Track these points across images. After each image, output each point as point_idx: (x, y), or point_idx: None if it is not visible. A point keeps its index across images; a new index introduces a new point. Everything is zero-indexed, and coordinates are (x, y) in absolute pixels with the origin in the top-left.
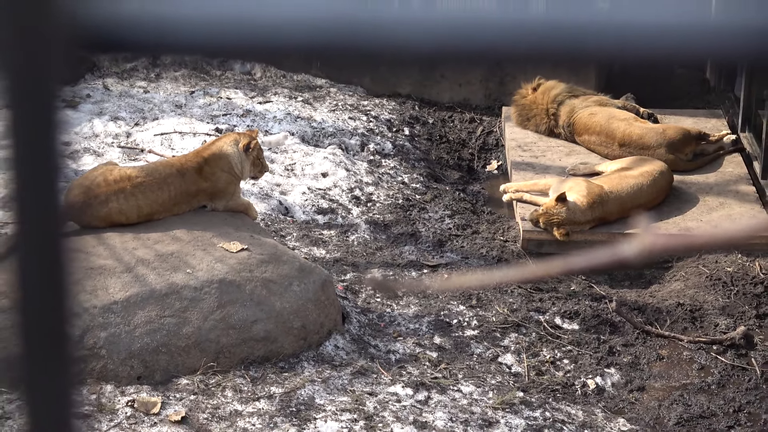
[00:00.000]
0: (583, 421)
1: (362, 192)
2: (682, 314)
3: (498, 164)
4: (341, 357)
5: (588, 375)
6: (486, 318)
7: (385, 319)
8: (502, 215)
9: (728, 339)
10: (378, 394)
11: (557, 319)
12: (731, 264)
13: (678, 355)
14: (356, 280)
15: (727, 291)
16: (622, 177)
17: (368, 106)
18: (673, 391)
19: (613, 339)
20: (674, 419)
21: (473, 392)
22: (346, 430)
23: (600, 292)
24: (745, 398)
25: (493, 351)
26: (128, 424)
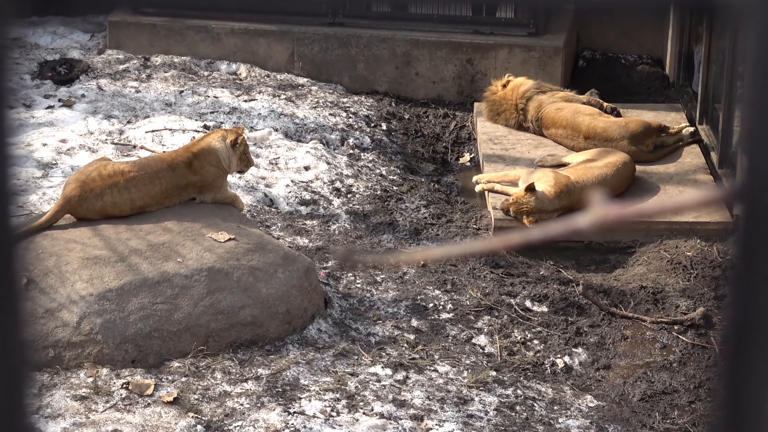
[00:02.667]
0: (552, 398)
1: (342, 184)
2: (645, 296)
3: (470, 157)
4: (324, 340)
5: (557, 354)
6: (460, 302)
7: (365, 304)
8: (474, 205)
9: (689, 319)
10: (359, 374)
11: (527, 302)
12: (691, 249)
13: (641, 335)
14: (338, 267)
15: (687, 274)
16: (587, 168)
17: (347, 103)
18: (637, 369)
19: (580, 320)
20: (638, 395)
21: (449, 372)
22: (330, 408)
23: (568, 276)
24: (705, 375)
25: (468, 333)
26: (123, 405)
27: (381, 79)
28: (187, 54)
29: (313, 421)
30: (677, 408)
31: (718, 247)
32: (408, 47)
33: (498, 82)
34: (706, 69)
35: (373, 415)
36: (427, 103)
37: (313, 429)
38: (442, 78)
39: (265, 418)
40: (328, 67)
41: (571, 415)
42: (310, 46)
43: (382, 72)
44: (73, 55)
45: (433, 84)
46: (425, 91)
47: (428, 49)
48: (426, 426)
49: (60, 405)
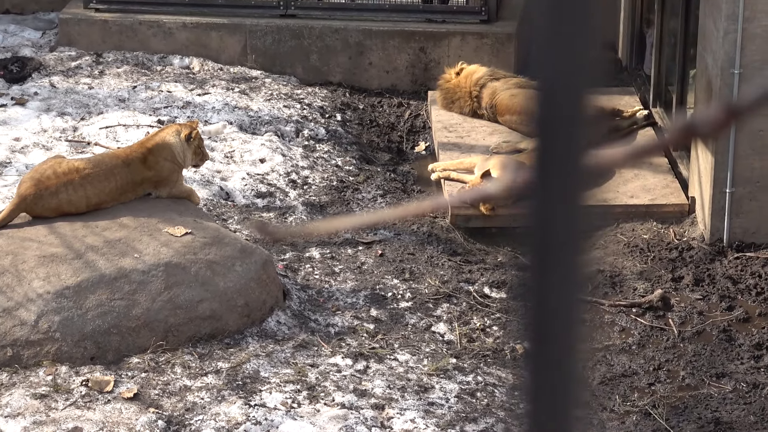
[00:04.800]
0: (513, 384)
1: (298, 176)
2: (603, 280)
3: (426, 145)
4: (283, 332)
5: (516, 340)
6: (419, 290)
7: (323, 295)
8: (431, 193)
9: (646, 302)
10: (319, 365)
11: (486, 288)
12: (647, 231)
13: (600, 318)
14: (296, 259)
15: (644, 257)
16: None
17: (302, 95)
18: (597, 353)
19: None
20: (598, 379)
21: (409, 360)
22: (290, 400)
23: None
24: (663, 357)
25: (427, 321)
26: (83, 402)
27: (334, 69)
28: (140, 49)
29: (274, 413)
30: (637, 390)
31: (674, 229)
32: (361, 37)
33: (451, 70)
34: (658, 52)
35: (334, 406)
36: (381, 92)
37: (275, 421)
38: (396, 67)
39: (226, 412)
40: (281, 59)
41: None
42: (263, 38)
43: (335, 63)
44: (24, 53)
45: (387, 73)
46: (379, 81)
47: (381, 39)
48: (387, 415)
49: (19, 404)
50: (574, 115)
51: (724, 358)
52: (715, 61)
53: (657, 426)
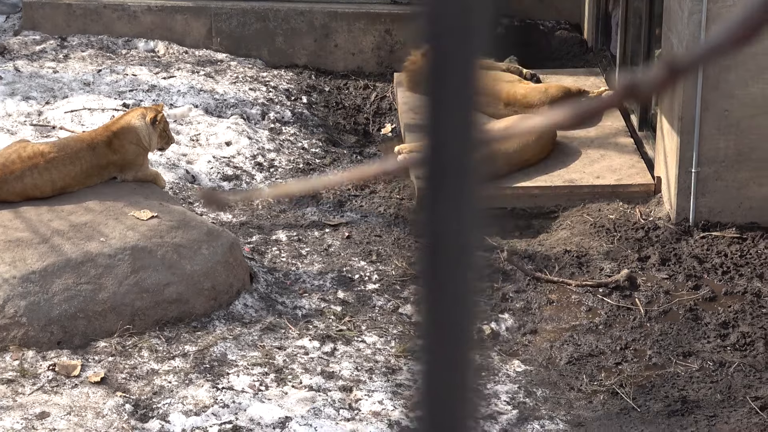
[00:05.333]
0: (480, 364)
1: (264, 158)
2: (570, 260)
3: (392, 127)
4: (250, 314)
5: (483, 321)
6: (386, 272)
7: (290, 277)
8: (397, 175)
9: (613, 281)
10: (287, 347)
11: None
12: (613, 211)
13: (567, 298)
14: (262, 242)
15: (611, 237)
16: None
17: (267, 77)
18: (564, 333)
19: (505, 286)
20: (565, 359)
21: (376, 342)
22: (258, 383)
23: (492, 243)
24: (630, 336)
25: (394, 303)
26: (50, 386)
27: (300, 52)
28: (104, 33)
29: (242, 395)
30: (604, 370)
31: (640, 209)
32: (326, 19)
33: (417, 52)
34: (623, 32)
35: (302, 388)
36: (347, 74)
37: (242, 404)
38: (362, 49)
39: (193, 395)
40: (246, 42)
41: (499, 380)
42: (228, 21)
43: (301, 45)
44: None
45: (353, 56)
46: (345, 63)
47: (347, 21)
48: (355, 397)
49: None
50: (465, 84)
51: (690, 337)
52: (680, 41)
53: (624, 405)
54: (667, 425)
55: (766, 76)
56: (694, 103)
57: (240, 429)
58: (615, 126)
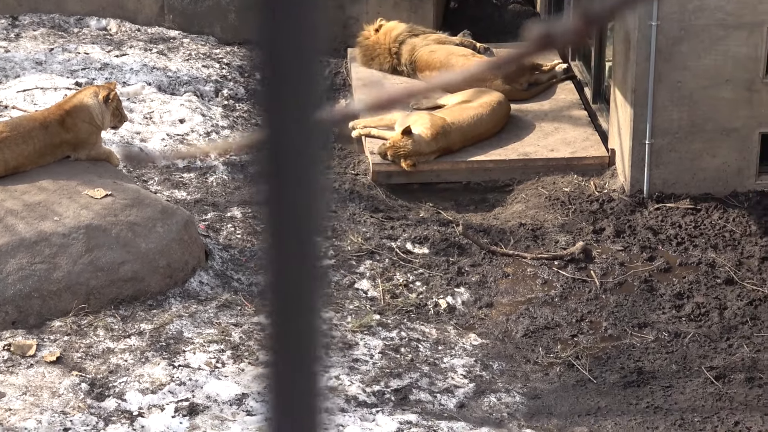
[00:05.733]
0: (436, 339)
1: (219, 135)
2: (525, 233)
3: (346, 103)
4: (206, 292)
5: (439, 295)
6: (341, 247)
7: (246, 254)
8: (352, 151)
9: (568, 254)
10: (243, 324)
11: (408, 244)
12: (568, 184)
13: (522, 271)
14: (217, 219)
15: (566, 209)
16: (462, 109)
17: (220, 54)
18: (520, 306)
19: (461, 260)
20: (521, 331)
21: (333, 317)
22: (215, 360)
23: (447, 217)
24: (586, 308)
25: (350, 278)
26: (6, 367)
27: None
28: (56, 11)
29: (199, 373)
30: (560, 342)
31: (594, 181)
32: None
33: (370, 27)
34: (576, 5)
35: (258, 365)
36: None
37: (199, 381)
38: None
39: (150, 373)
40: (199, 19)
41: (456, 354)
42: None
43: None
44: None
45: None
46: None
47: None
48: None
49: None
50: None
51: (645, 308)
52: (633, 14)
53: (580, 377)
54: (623, 396)
55: (719, 48)
56: (647, 75)
57: (197, 406)
58: (569, 99)
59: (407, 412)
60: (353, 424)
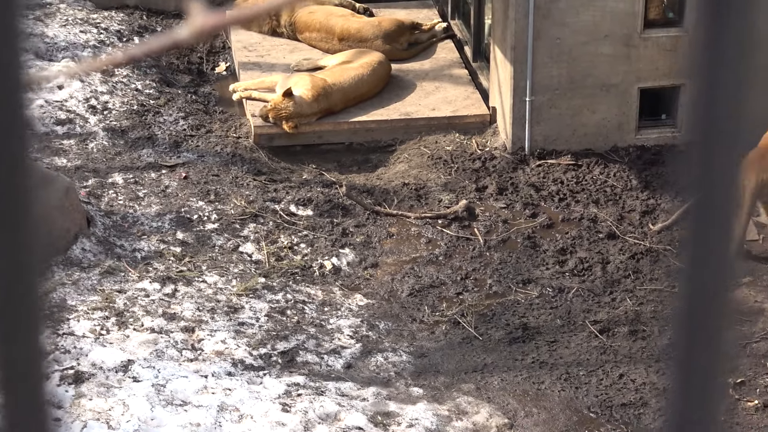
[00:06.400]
0: (322, 300)
1: (98, 101)
2: (408, 193)
3: (226, 66)
4: (89, 259)
5: (324, 256)
6: (225, 211)
7: (128, 220)
8: (233, 114)
9: (452, 213)
10: (127, 291)
11: (292, 206)
12: (450, 143)
13: (407, 231)
14: (98, 185)
15: (448, 168)
16: (343, 69)
17: (98, 19)
18: (405, 265)
19: (345, 221)
20: (407, 291)
21: (218, 282)
22: (99, 327)
23: (330, 179)
24: (471, 266)
25: (234, 242)
26: None
27: None
28: None
29: (83, 341)
30: (445, 300)
31: (476, 140)
32: None
33: None
34: None
35: (143, 331)
36: (179, 14)
37: (84, 349)
38: None
39: None
40: None
41: (342, 314)
42: None
43: None
44: None
45: None
46: (176, 2)
47: None
48: (198, 337)
49: None
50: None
51: (529, 264)
52: None
53: (466, 334)
54: (508, 352)
55: (597, 4)
56: (526, 32)
57: (82, 374)
58: (449, 58)
59: (294, 374)
60: (240, 387)
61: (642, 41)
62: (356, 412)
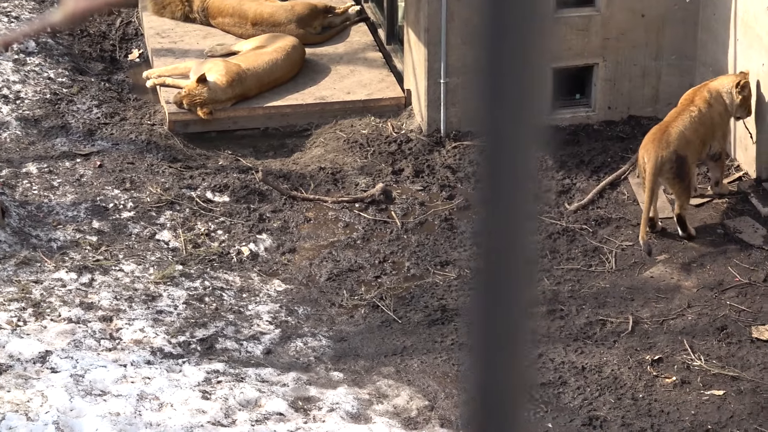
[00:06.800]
0: (240, 286)
1: (10, 90)
2: (325, 177)
3: (139, 53)
4: (4, 250)
5: (242, 243)
6: (141, 199)
7: (44, 210)
8: (147, 101)
9: (369, 196)
10: (43, 281)
11: (208, 193)
12: (366, 126)
13: (324, 215)
14: (12, 175)
15: (364, 152)
16: (257, 54)
17: (8, 7)
18: (322, 250)
19: (262, 207)
20: (325, 275)
21: (135, 270)
22: (16, 318)
23: (246, 164)
24: (388, 249)
25: (151, 229)
26: None
27: None
28: None
29: (0, 332)
30: (364, 284)
31: (392, 122)
32: None
33: None
34: None
35: (61, 321)
36: None
37: (0, 340)
38: None
39: None
40: None
41: (261, 300)
42: None
43: None
44: None
45: None
46: None
47: None
48: (116, 326)
49: None
50: None
51: (447, 246)
52: None
53: (385, 317)
54: (428, 334)
55: None
56: (439, 14)
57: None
58: (363, 41)
59: (214, 361)
60: (160, 375)
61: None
62: (277, 397)
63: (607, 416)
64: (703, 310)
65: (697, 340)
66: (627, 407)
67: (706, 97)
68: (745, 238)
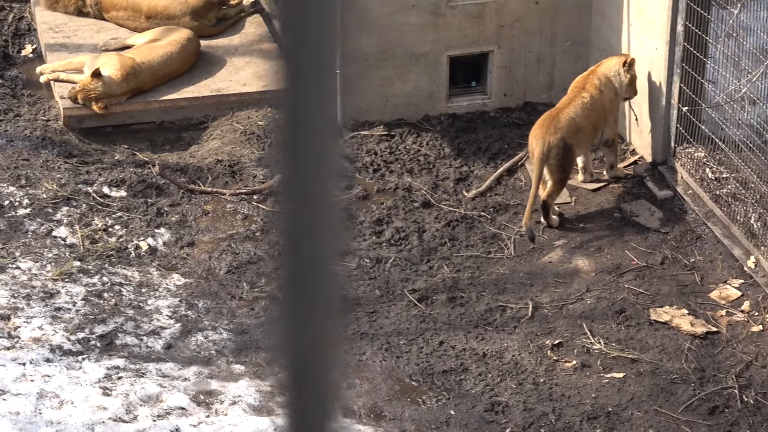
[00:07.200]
0: (140, 281)
1: None
2: (222, 170)
3: (32, 48)
4: None
5: (140, 237)
6: (36, 195)
7: None
8: (42, 96)
9: (267, 188)
10: None
11: (105, 188)
12: (263, 118)
13: (222, 208)
14: None
15: (262, 143)
16: (152, 48)
17: None
18: (222, 243)
19: (160, 201)
20: (225, 268)
21: (32, 267)
22: None
23: (143, 158)
24: None
25: (47, 226)
26: None
27: None
28: None
29: None
30: (264, 276)
31: None
32: None
33: None
34: None
35: None
36: None
37: None
38: None
39: None
40: None
41: (160, 295)
42: None
43: None
44: None
45: None
46: None
47: None
48: (14, 324)
49: None
50: None
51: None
52: None
53: None
54: None
55: None
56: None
57: None
58: (258, 33)
59: (114, 357)
60: (59, 373)
61: (449, 9)
62: (178, 392)
63: (509, 401)
64: (601, 294)
65: (596, 323)
66: (528, 392)
67: (596, 83)
68: (641, 221)
